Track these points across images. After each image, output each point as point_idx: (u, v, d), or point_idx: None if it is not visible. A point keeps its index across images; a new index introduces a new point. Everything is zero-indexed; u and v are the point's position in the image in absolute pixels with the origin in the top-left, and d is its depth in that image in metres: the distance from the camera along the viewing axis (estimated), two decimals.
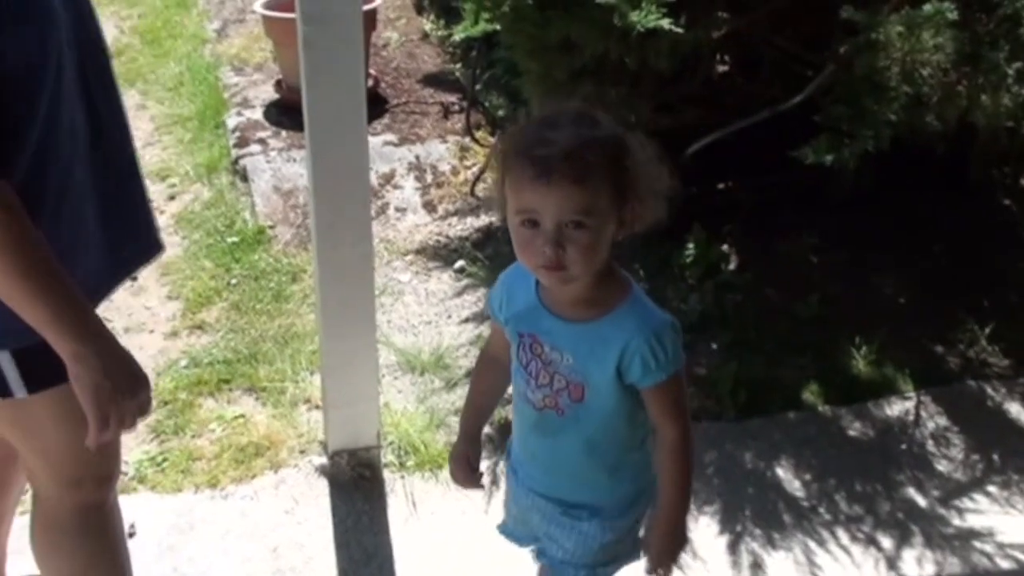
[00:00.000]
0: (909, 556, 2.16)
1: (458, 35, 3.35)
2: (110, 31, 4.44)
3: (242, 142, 3.62)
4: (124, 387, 1.32)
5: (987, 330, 2.77)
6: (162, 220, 3.24)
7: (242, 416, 2.47)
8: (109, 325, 2.80)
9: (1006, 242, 3.13)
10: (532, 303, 1.44)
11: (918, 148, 2.74)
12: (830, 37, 2.77)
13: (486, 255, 3.07)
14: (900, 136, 2.53)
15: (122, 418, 1.33)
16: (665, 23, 2.53)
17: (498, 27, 3.03)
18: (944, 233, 3.11)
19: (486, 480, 2.16)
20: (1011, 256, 3.07)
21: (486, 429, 1.84)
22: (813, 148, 2.55)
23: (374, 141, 3.51)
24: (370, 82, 3.88)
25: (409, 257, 3.11)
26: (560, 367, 1.43)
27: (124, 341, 2.69)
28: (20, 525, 1.77)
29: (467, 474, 1.63)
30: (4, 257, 1.20)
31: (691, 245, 2.99)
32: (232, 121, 3.75)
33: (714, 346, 2.75)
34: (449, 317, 2.85)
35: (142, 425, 2.45)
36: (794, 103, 2.84)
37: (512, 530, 1.68)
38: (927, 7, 2.52)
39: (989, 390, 2.61)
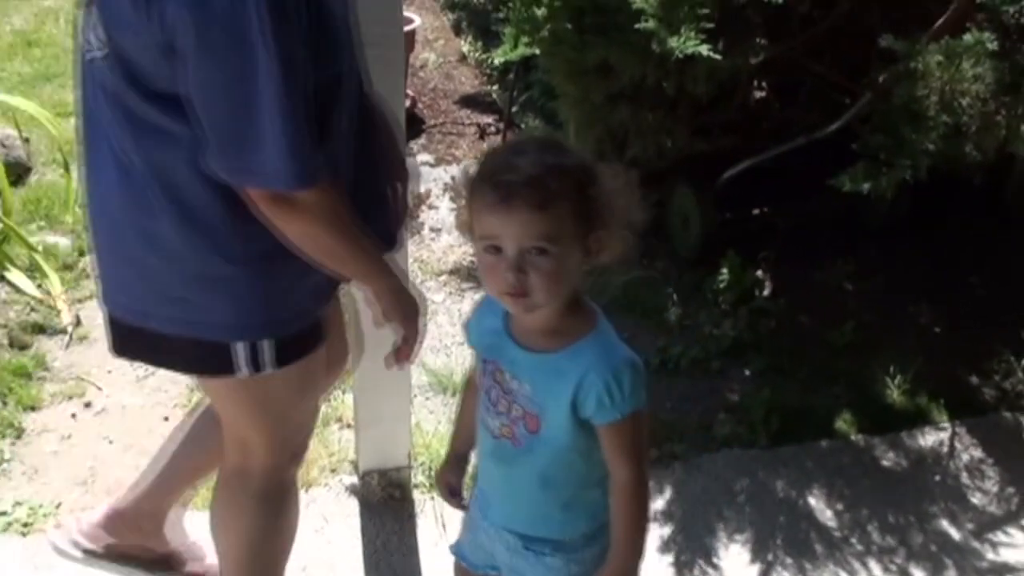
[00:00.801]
0: None
1: (497, 59, 3.38)
2: None
3: None
4: (413, 311, 1.63)
5: (1023, 361, 2.74)
6: None
7: None
8: None
9: None
10: (498, 330, 1.44)
11: (956, 177, 2.73)
12: (869, 65, 2.76)
13: None
14: (938, 165, 2.52)
15: (412, 331, 1.64)
16: (703, 49, 2.54)
17: (537, 51, 3.05)
18: (980, 263, 3.09)
19: None
20: None
21: None
22: (850, 176, 2.54)
23: (410, 162, 3.53)
24: (408, 102, 3.91)
25: (443, 277, 3.13)
26: (518, 396, 1.42)
27: None
28: None
29: (447, 497, 1.65)
30: (339, 248, 1.48)
31: (725, 271, 2.98)
32: None
33: (747, 372, 2.75)
34: None
35: None
36: (831, 130, 2.84)
37: (467, 553, 1.65)
38: (967, 37, 2.52)
39: None
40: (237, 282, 1.49)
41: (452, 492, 1.64)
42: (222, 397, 1.68)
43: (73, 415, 2.59)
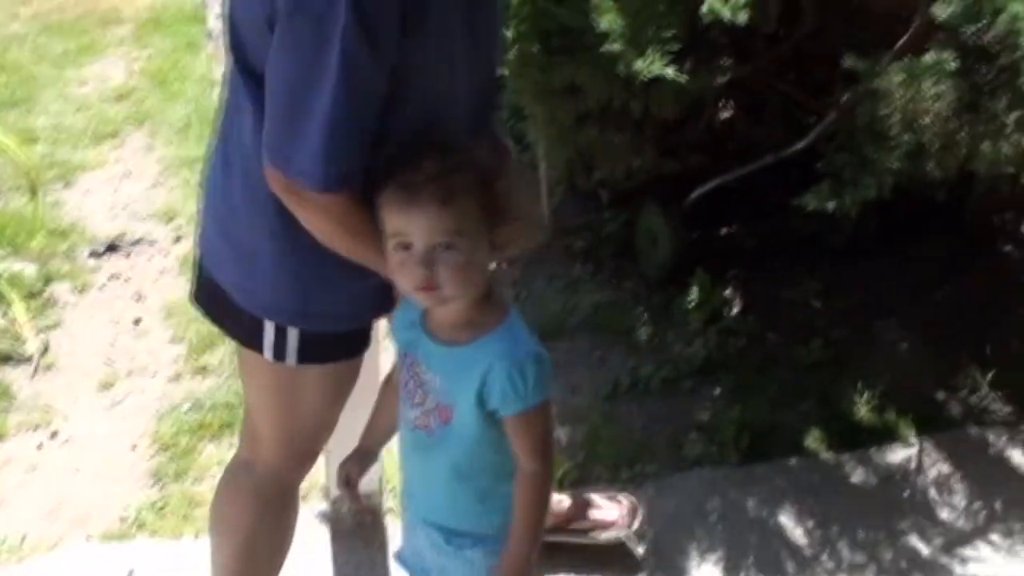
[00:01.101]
0: None
1: None
2: (118, 73, 4.50)
3: None
4: None
5: (989, 376, 2.77)
6: (167, 262, 3.27)
7: None
8: (113, 366, 2.83)
9: (1008, 288, 3.13)
10: (415, 324, 1.50)
11: (921, 195, 2.76)
12: (833, 85, 2.79)
13: None
14: (902, 184, 2.55)
15: None
16: (669, 71, 2.55)
17: (504, 72, 3.06)
18: (946, 279, 3.12)
19: None
20: (1012, 303, 3.08)
21: None
22: (815, 195, 2.56)
23: None
24: None
25: None
26: (431, 388, 1.48)
27: (126, 385, 2.75)
28: None
29: (341, 486, 1.69)
30: (349, 246, 1.49)
31: (694, 290, 3.00)
32: None
33: (718, 391, 2.76)
34: None
35: (142, 470, 2.46)
36: (797, 150, 2.86)
37: (407, 559, 1.68)
38: (928, 57, 2.55)
39: (991, 437, 2.60)
40: (280, 261, 1.54)
41: (348, 482, 1.68)
42: (248, 375, 1.74)
43: (39, 445, 2.56)
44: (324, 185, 1.40)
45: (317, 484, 2.39)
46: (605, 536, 2.20)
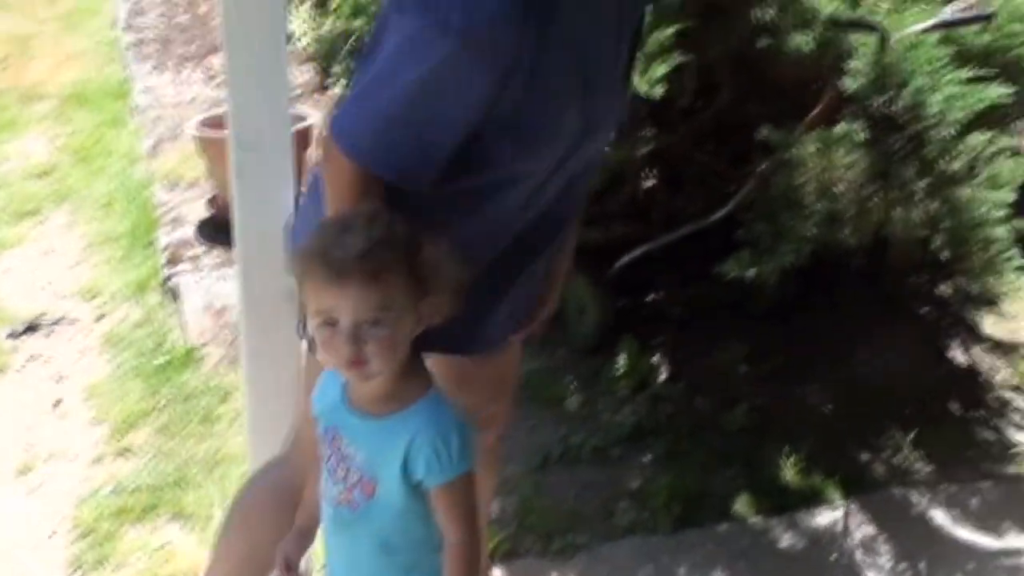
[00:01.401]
0: None
1: None
2: (40, 149, 4.46)
3: (173, 260, 3.60)
4: None
5: (910, 437, 2.82)
6: (89, 341, 3.21)
7: (168, 545, 2.41)
8: (32, 450, 2.76)
9: (924, 349, 3.22)
10: (338, 398, 1.50)
11: (840, 259, 2.83)
12: (751, 155, 2.87)
13: None
14: (819, 250, 2.62)
15: None
16: None
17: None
18: (865, 341, 3.19)
19: None
20: (929, 363, 3.16)
21: None
22: (735, 262, 2.63)
23: None
24: (302, 200, 3.90)
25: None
26: (355, 462, 1.47)
27: (45, 469, 2.68)
28: None
29: (282, 570, 1.63)
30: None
31: (622, 357, 3.03)
32: (164, 239, 3.75)
33: (648, 458, 2.77)
34: None
35: (61, 559, 2.39)
36: (717, 218, 2.92)
37: None
38: (839, 127, 2.65)
39: (915, 497, 2.65)
40: None
41: (288, 566, 1.63)
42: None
43: None
44: (350, 147, 1.49)
45: None
46: None
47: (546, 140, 1.54)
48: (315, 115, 4.16)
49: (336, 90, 5.08)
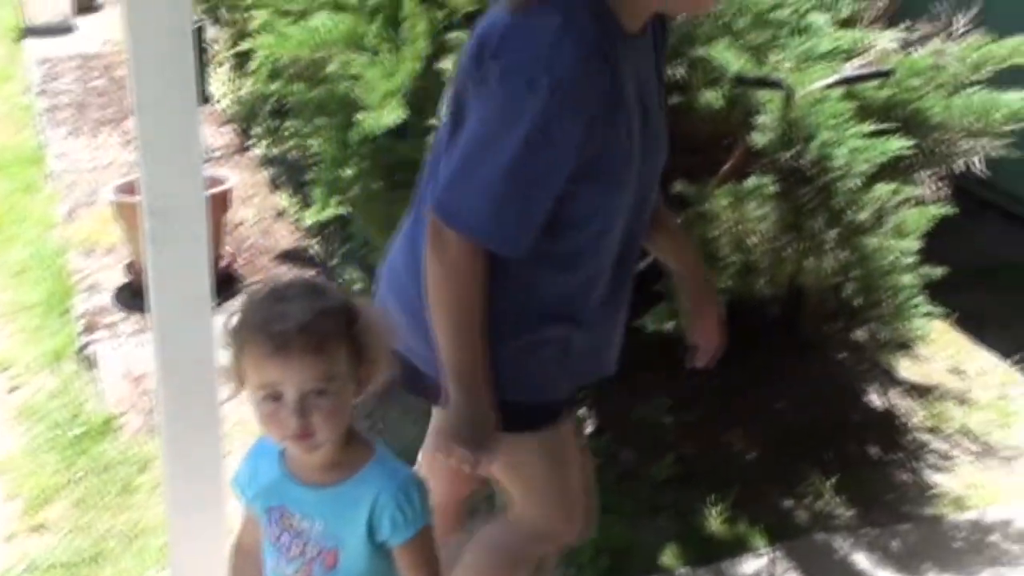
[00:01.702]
0: None
1: (309, 219, 3.40)
2: None
3: (90, 327, 3.54)
4: (466, 437, 1.64)
5: (831, 482, 2.87)
6: (2, 414, 3.12)
7: None
8: None
9: (841, 394, 3.28)
10: (277, 475, 1.47)
11: (756, 309, 2.88)
12: None
13: None
14: (735, 301, 2.67)
15: (451, 456, 1.66)
16: None
17: (349, 210, 3.10)
18: (785, 389, 3.24)
19: None
20: (847, 408, 3.22)
21: None
22: (654, 316, 2.66)
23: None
24: (225, 262, 3.87)
25: None
26: (311, 535, 1.45)
27: None
28: None
29: None
30: (445, 311, 1.61)
31: None
32: (80, 306, 3.68)
33: None
34: None
35: None
36: (636, 272, 2.96)
37: None
38: (749, 181, 2.71)
39: (837, 542, 2.68)
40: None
41: None
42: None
43: None
44: (464, 226, 1.53)
45: None
46: None
47: (624, 171, 1.63)
48: (234, 177, 4.15)
49: (257, 151, 5.08)
